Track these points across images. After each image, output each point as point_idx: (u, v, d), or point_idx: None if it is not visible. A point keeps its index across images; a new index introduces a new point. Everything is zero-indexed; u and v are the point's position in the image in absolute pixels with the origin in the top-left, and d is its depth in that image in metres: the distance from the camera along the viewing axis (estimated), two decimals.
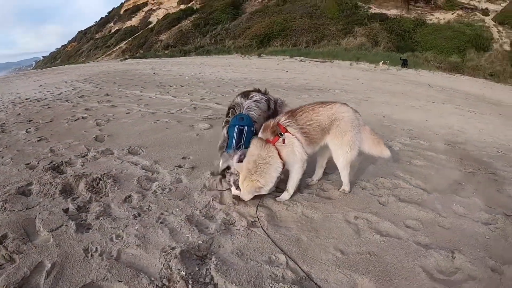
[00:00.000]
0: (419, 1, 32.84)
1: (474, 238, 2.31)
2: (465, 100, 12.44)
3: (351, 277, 1.87)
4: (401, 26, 29.92)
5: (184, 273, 1.82)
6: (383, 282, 1.85)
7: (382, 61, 21.47)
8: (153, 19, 45.59)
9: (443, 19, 30.90)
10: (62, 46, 72.62)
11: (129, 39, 42.81)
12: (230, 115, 2.94)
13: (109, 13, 64.11)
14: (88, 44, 53.67)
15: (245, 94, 3.06)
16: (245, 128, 2.74)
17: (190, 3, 43.79)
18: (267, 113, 3.03)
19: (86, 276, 1.76)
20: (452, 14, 31.32)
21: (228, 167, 2.67)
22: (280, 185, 2.80)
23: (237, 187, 2.55)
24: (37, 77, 14.95)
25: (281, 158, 2.52)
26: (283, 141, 2.52)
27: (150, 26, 43.32)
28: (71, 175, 2.94)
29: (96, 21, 65.37)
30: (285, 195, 2.72)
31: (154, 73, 13.95)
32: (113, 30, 52.08)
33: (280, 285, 1.77)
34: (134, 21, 49.76)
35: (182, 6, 43.55)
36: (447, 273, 1.96)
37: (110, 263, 1.86)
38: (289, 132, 2.55)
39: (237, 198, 2.58)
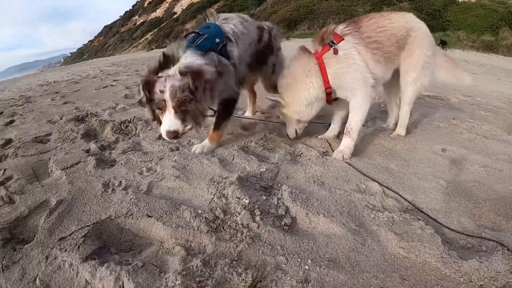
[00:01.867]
0: None
1: None
2: (506, 73, 11.59)
3: (467, 206, 1.43)
4: (431, 5, 28.13)
5: (247, 201, 1.36)
6: (507, 210, 1.40)
7: None
8: (178, 9, 45.21)
9: None
10: (89, 41, 74.78)
11: (155, 30, 42.52)
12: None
13: (133, 6, 64.94)
14: (114, 38, 54.58)
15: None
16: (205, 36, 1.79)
17: None
18: (257, 46, 2.13)
19: (102, 213, 1.35)
20: None
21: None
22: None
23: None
24: (65, 69, 15.22)
25: (326, 79, 1.80)
26: (335, 52, 1.77)
27: (174, 16, 42.88)
28: (95, 120, 2.58)
29: (121, 15, 66.71)
30: (348, 142, 1.88)
31: None
32: (138, 23, 52.49)
33: (386, 214, 1.32)
34: (159, 12, 49.76)
35: None
36: None
37: (137, 197, 1.42)
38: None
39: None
